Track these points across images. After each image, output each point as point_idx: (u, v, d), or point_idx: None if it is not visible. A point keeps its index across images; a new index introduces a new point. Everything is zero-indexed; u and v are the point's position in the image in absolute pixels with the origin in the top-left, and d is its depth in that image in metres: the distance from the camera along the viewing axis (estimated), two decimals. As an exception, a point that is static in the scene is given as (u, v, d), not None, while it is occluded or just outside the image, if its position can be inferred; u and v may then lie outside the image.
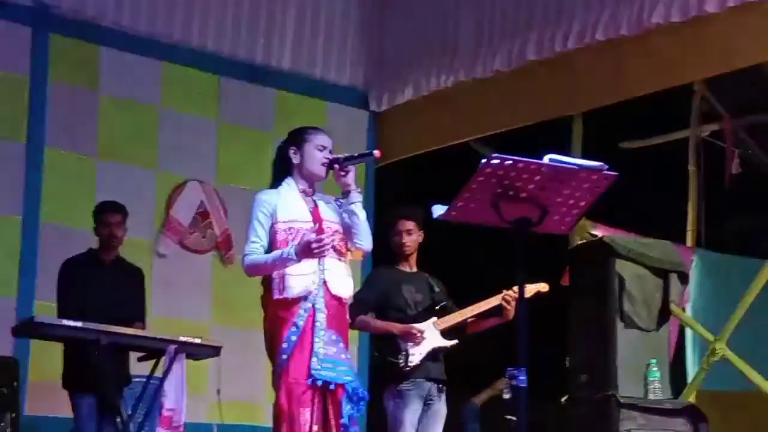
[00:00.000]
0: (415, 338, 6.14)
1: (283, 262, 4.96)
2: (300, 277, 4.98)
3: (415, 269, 6.41)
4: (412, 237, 6.32)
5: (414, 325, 6.18)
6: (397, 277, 6.34)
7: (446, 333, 6.26)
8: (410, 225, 6.30)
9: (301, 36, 9.45)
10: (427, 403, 6.19)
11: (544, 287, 6.38)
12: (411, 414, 6.10)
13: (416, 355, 6.16)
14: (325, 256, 4.98)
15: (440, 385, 6.23)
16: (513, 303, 6.11)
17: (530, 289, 6.27)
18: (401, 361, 6.13)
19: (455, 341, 6.26)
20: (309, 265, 4.99)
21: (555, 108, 8.58)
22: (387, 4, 9.83)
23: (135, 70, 8.55)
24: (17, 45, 8.02)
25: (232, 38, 9.04)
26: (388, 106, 9.69)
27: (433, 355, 6.20)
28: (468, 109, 9.10)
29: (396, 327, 6.18)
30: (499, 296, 6.20)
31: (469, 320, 6.33)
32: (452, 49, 9.12)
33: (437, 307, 6.29)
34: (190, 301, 8.55)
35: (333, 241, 5.01)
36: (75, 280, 6.70)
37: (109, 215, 6.82)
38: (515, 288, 6.01)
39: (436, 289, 6.37)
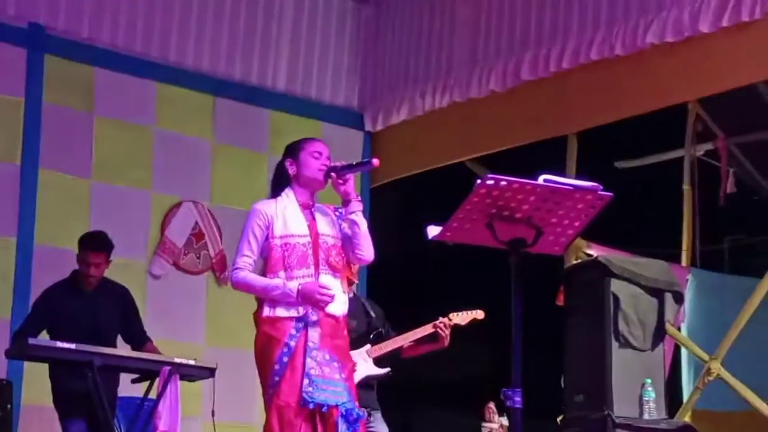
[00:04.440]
0: None
1: (281, 295, 4.86)
2: None
3: (350, 294, 6.30)
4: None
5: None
6: None
7: (380, 360, 6.21)
8: None
9: (296, 57, 9.47)
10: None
11: (479, 314, 6.39)
12: None
13: None
14: (323, 308, 4.88)
15: (371, 411, 6.12)
16: (447, 331, 6.17)
17: (465, 317, 6.32)
18: None
19: (387, 369, 6.22)
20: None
21: (550, 128, 8.58)
22: (382, 25, 9.84)
23: (130, 91, 8.55)
24: (12, 66, 8.02)
25: (227, 59, 9.06)
26: (383, 127, 9.70)
27: (365, 383, 6.11)
28: (463, 129, 9.11)
29: None
30: (432, 324, 6.21)
31: (405, 345, 6.31)
32: (447, 70, 9.14)
33: (371, 335, 6.23)
34: (184, 322, 8.52)
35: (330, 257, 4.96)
36: (53, 309, 6.48)
37: (91, 255, 6.52)
38: (450, 315, 6.21)
39: (372, 314, 6.31)
